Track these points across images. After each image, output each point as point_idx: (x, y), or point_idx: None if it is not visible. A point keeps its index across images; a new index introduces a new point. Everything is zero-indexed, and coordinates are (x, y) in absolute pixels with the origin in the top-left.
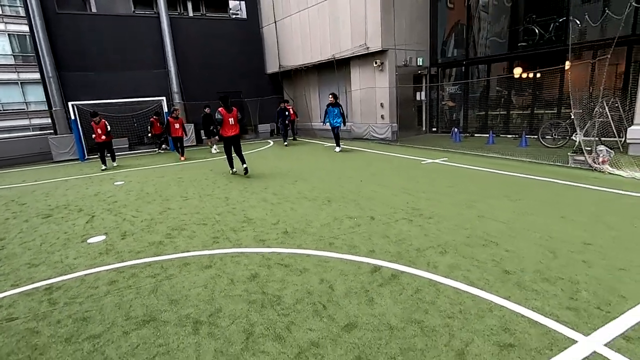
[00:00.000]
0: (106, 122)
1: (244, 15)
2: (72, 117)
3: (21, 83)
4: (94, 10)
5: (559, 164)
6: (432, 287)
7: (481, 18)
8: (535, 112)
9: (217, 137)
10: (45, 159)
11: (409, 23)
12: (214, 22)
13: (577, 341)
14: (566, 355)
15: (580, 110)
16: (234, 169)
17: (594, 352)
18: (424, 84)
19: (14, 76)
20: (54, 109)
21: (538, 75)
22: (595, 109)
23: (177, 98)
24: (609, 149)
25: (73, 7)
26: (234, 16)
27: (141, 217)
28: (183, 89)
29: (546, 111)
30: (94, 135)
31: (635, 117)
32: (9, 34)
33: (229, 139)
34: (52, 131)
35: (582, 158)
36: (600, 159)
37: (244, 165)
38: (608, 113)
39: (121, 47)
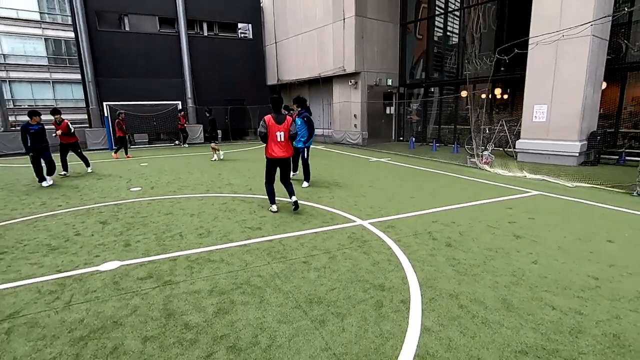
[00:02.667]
0: (69, 122)
1: (250, 36)
2: (106, 115)
3: (52, 82)
4: (127, 28)
5: (461, 164)
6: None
7: (438, 49)
8: (463, 127)
9: (216, 142)
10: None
11: (380, 51)
12: (225, 40)
13: (355, 221)
14: (350, 224)
15: (481, 127)
16: (275, 206)
17: (362, 224)
18: (394, 100)
19: (46, 75)
20: (90, 107)
21: (463, 95)
22: (483, 127)
23: (190, 103)
24: (490, 154)
25: (111, 25)
26: (242, 36)
27: (161, 181)
28: (196, 95)
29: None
30: (55, 134)
31: (522, 133)
32: (45, 39)
33: (274, 162)
34: (87, 125)
35: (474, 160)
36: (483, 161)
37: (293, 199)
38: (507, 130)
39: (147, 59)
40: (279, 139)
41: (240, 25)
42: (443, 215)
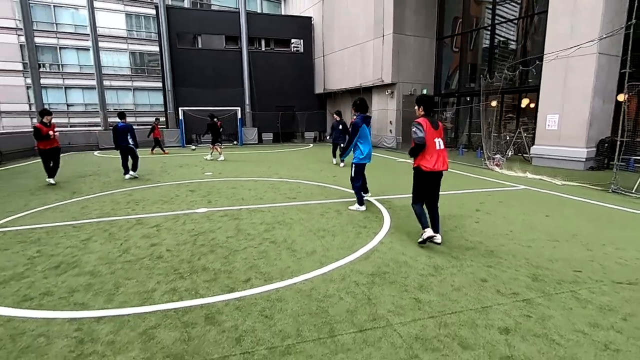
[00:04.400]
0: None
1: (302, 50)
2: (180, 118)
3: (133, 89)
4: (200, 46)
5: (476, 165)
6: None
7: (470, 61)
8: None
9: (219, 144)
10: (162, 145)
11: (415, 63)
12: (279, 54)
13: (363, 196)
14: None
15: (497, 133)
16: (428, 235)
17: (368, 199)
18: None
19: (129, 84)
20: (168, 111)
21: (493, 104)
22: (494, 133)
23: (247, 109)
24: (501, 157)
25: (187, 44)
26: (294, 50)
27: (225, 170)
28: (253, 102)
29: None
30: (47, 138)
31: (536, 140)
32: (129, 52)
33: (431, 176)
34: (165, 126)
35: (487, 162)
36: (494, 163)
37: (438, 238)
38: (524, 136)
39: (214, 71)
40: (437, 148)
41: (293, 40)
42: None
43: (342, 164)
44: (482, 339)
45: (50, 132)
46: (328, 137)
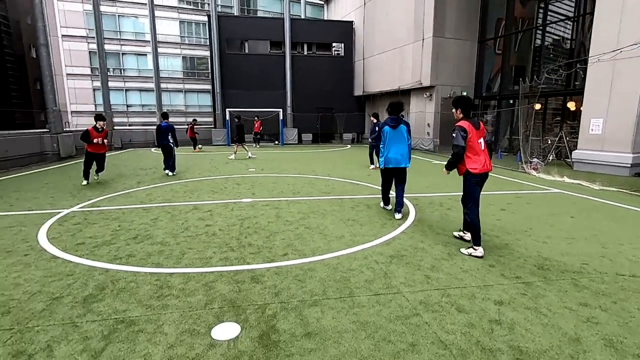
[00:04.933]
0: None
1: (342, 53)
2: (227, 119)
3: (185, 92)
4: (246, 51)
5: (513, 169)
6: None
7: (513, 64)
8: (532, 137)
9: (241, 143)
10: (207, 143)
11: (455, 66)
12: (320, 58)
13: (392, 194)
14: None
15: (537, 137)
16: (481, 253)
17: None
18: None
19: (180, 86)
20: (217, 112)
21: (536, 107)
22: (531, 137)
23: (289, 110)
24: (539, 161)
25: (235, 49)
26: (335, 53)
27: (267, 166)
28: (294, 104)
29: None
30: (92, 144)
31: (579, 144)
32: (182, 57)
33: (481, 177)
34: (212, 126)
35: (525, 166)
36: (532, 166)
37: (468, 234)
38: (566, 140)
39: (259, 74)
40: (482, 147)
41: (334, 44)
42: (457, 197)
43: (372, 167)
44: (477, 307)
45: (98, 140)
46: (370, 140)
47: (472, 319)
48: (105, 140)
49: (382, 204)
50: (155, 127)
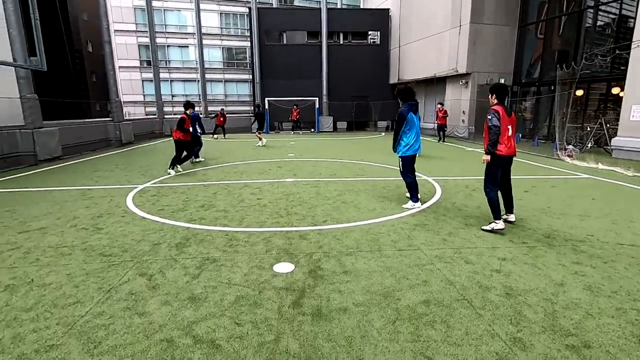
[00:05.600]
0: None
1: (378, 41)
2: (266, 107)
3: (224, 81)
4: (284, 41)
5: (548, 156)
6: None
7: (556, 49)
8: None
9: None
10: (247, 131)
11: (493, 52)
12: (356, 47)
13: (421, 176)
14: (419, 178)
15: (575, 124)
16: (499, 227)
17: (426, 179)
18: (506, 99)
19: (220, 76)
20: (256, 101)
21: (578, 93)
22: (576, 124)
23: (324, 99)
24: (574, 148)
25: (274, 40)
26: (371, 41)
27: (305, 152)
28: (329, 92)
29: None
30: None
31: (618, 132)
32: (222, 47)
33: (502, 160)
34: (251, 115)
35: (559, 153)
36: (566, 153)
37: (511, 216)
38: (605, 127)
39: (296, 64)
40: (509, 134)
41: (370, 32)
42: (477, 181)
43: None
44: (483, 261)
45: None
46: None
47: (477, 268)
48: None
49: (410, 204)
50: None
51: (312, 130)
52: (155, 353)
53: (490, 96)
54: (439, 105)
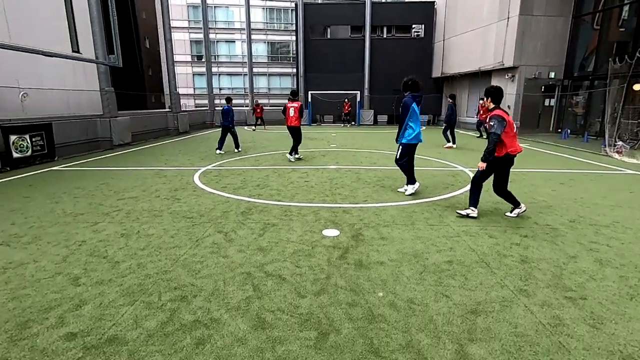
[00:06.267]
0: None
1: (422, 35)
2: (309, 100)
3: (268, 75)
4: (328, 36)
5: (595, 152)
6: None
7: (613, 40)
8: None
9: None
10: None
11: (543, 45)
12: (399, 40)
13: (457, 167)
14: (455, 169)
15: (630, 119)
16: (473, 214)
17: (463, 170)
18: (556, 93)
19: (265, 70)
20: (300, 94)
21: (636, 88)
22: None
23: (366, 92)
24: (624, 145)
25: (318, 34)
26: (415, 35)
27: (346, 143)
28: (371, 86)
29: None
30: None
31: None
32: (267, 42)
33: (513, 158)
34: None
35: (607, 149)
36: (615, 150)
37: (523, 206)
38: None
39: (339, 58)
40: (515, 130)
41: (414, 26)
42: (513, 173)
43: (447, 145)
44: (505, 236)
45: (292, 112)
46: (444, 121)
47: (498, 241)
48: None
49: (408, 187)
50: (222, 108)
51: (353, 123)
52: (239, 280)
53: (486, 99)
54: (482, 101)
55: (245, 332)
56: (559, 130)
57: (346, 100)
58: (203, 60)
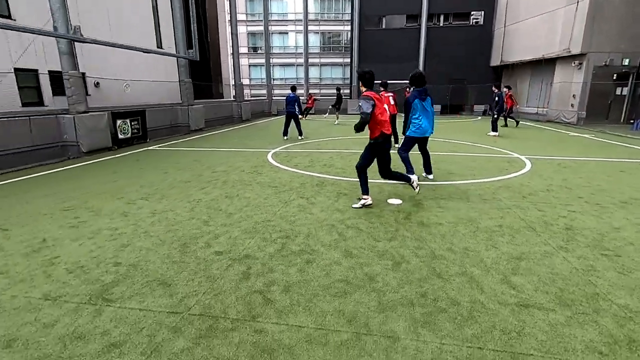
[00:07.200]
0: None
1: (481, 22)
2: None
3: (320, 65)
4: (383, 26)
5: None
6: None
7: None
8: None
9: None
10: (343, 113)
11: (619, 29)
12: (456, 28)
13: (513, 154)
14: (510, 155)
15: None
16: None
17: (518, 156)
18: (629, 81)
19: (317, 60)
20: (353, 84)
21: None
22: None
23: None
24: None
25: (373, 24)
26: (474, 22)
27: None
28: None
29: None
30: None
31: None
32: (320, 33)
33: (388, 139)
34: (348, 97)
35: None
36: None
37: (368, 201)
38: None
39: (393, 48)
40: (388, 113)
41: (473, 13)
42: (575, 160)
43: (491, 134)
44: (554, 211)
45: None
46: (494, 111)
47: (547, 214)
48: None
49: (412, 174)
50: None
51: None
52: (326, 229)
53: (360, 83)
54: (509, 90)
55: (339, 258)
56: (631, 121)
57: (407, 88)
58: (259, 52)
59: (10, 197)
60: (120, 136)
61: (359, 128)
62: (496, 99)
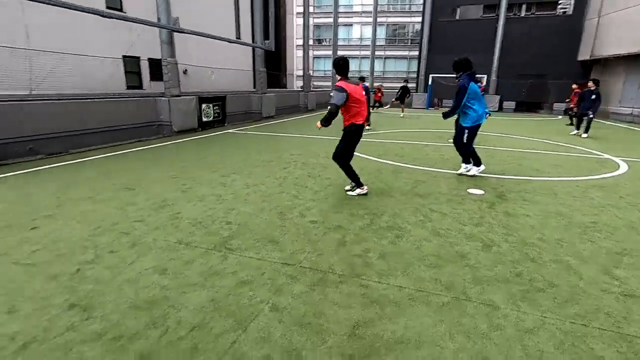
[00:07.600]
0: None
1: (570, 11)
2: (430, 83)
3: (384, 58)
4: (457, 17)
5: None
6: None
7: None
8: None
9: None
10: (409, 106)
11: None
12: (539, 19)
13: (602, 155)
14: (599, 157)
15: None
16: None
17: (608, 157)
18: None
19: (382, 53)
20: (420, 77)
21: None
22: None
23: (493, 76)
24: None
25: (445, 15)
26: (561, 12)
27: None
28: (499, 69)
29: None
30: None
31: None
32: (386, 25)
33: (361, 128)
34: (414, 90)
35: None
36: None
37: (363, 191)
38: None
39: (467, 40)
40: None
41: (560, 1)
42: None
43: (584, 135)
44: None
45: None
46: (590, 112)
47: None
48: None
49: (475, 170)
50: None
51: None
52: (410, 211)
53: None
54: (578, 87)
55: (427, 236)
56: None
57: (480, 84)
58: (323, 44)
59: (126, 165)
60: (204, 119)
61: (326, 120)
62: (593, 96)
